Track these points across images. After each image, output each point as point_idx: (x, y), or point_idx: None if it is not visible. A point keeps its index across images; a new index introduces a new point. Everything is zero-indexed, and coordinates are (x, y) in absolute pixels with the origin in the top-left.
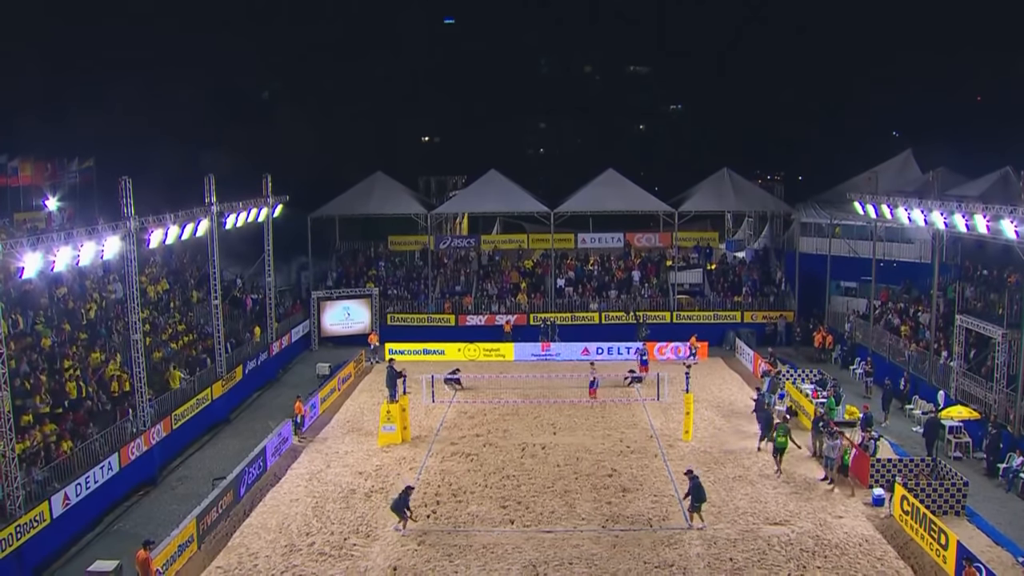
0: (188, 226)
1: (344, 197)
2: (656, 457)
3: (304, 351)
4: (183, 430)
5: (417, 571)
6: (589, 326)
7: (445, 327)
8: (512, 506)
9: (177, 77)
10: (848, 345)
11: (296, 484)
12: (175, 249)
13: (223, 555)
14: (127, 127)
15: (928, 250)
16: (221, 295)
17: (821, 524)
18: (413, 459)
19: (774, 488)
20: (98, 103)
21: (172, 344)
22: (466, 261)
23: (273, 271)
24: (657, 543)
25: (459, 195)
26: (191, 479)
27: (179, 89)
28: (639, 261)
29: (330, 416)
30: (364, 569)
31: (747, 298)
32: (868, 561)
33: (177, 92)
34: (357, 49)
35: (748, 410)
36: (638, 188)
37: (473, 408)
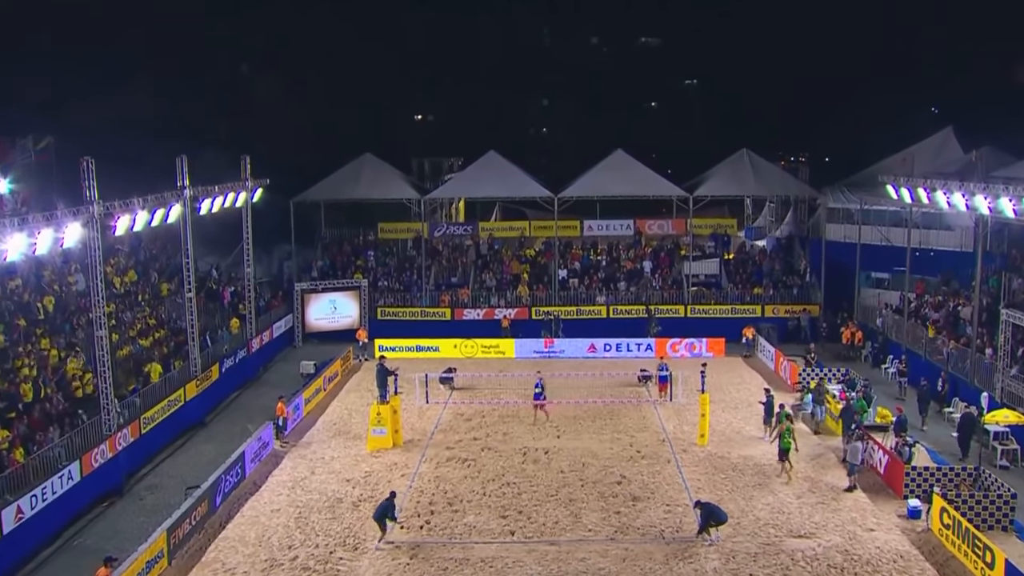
0: (158, 212)
1: (330, 181)
2: (669, 463)
3: (287, 348)
4: (153, 434)
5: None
6: (596, 321)
7: (440, 322)
8: (513, 516)
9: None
10: (880, 342)
11: (277, 493)
12: (144, 237)
13: (196, 572)
14: (89, 103)
15: (970, 238)
16: (195, 287)
17: (850, 537)
18: (405, 465)
19: (798, 497)
20: (56, 75)
21: (141, 340)
22: (463, 250)
23: (253, 261)
24: (670, 557)
25: (455, 178)
26: (161, 488)
27: (148, 62)
28: (650, 250)
29: (315, 418)
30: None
31: (768, 290)
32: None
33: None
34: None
35: None
36: (649, 171)
37: (470, 410)
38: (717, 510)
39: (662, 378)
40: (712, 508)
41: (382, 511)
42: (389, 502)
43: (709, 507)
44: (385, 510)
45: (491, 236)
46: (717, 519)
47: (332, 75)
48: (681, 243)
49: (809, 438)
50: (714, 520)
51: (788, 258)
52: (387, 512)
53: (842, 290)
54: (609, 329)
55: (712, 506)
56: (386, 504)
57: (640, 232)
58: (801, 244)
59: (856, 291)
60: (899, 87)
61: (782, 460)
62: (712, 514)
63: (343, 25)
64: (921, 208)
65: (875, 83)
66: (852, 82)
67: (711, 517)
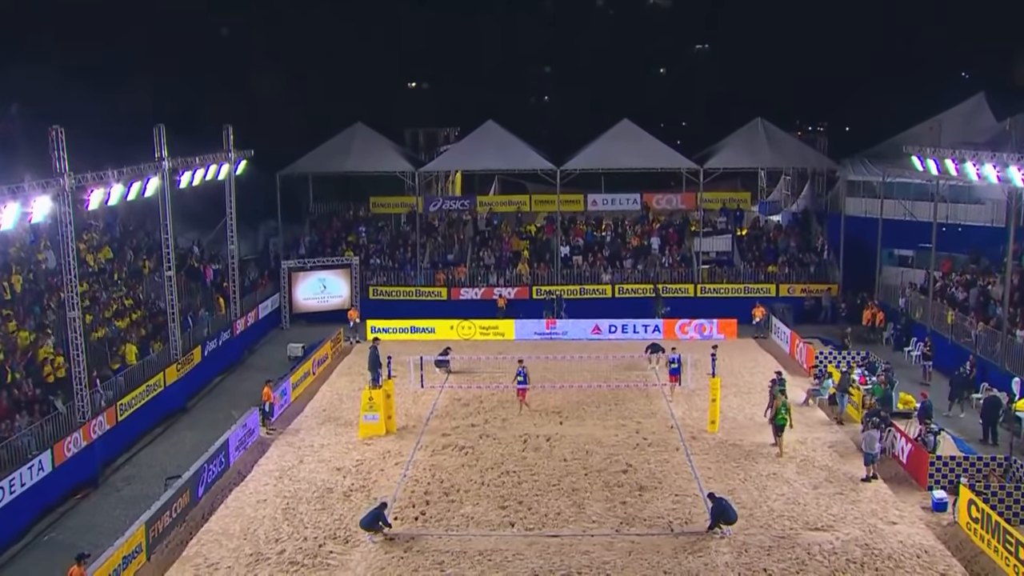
0: (135, 185)
1: (318, 152)
2: (678, 451)
3: (273, 329)
4: (130, 422)
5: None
6: (600, 300)
7: (435, 302)
8: (512, 507)
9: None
10: (903, 323)
11: (264, 483)
12: (120, 212)
13: (177, 567)
14: (59, 68)
15: (1001, 212)
16: (175, 265)
17: (871, 531)
18: (399, 453)
19: (814, 488)
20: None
21: (117, 322)
22: (459, 226)
23: (237, 237)
24: (679, 550)
25: (451, 150)
26: (139, 479)
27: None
28: (658, 226)
29: (303, 404)
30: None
31: (783, 268)
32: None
33: (121, 28)
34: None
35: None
36: (657, 141)
37: (468, 394)
38: (729, 509)
39: (673, 370)
40: (725, 506)
41: (372, 519)
42: (379, 511)
43: (722, 504)
44: (375, 518)
45: (490, 211)
46: (727, 519)
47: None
48: (691, 218)
49: (826, 427)
50: (724, 520)
51: (805, 234)
52: (378, 520)
53: (862, 268)
54: (614, 309)
55: (725, 503)
56: (376, 512)
57: (647, 207)
58: (819, 219)
59: (877, 269)
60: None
61: (777, 436)
62: (723, 513)
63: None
64: (949, 180)
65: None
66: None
67: (721, 516)
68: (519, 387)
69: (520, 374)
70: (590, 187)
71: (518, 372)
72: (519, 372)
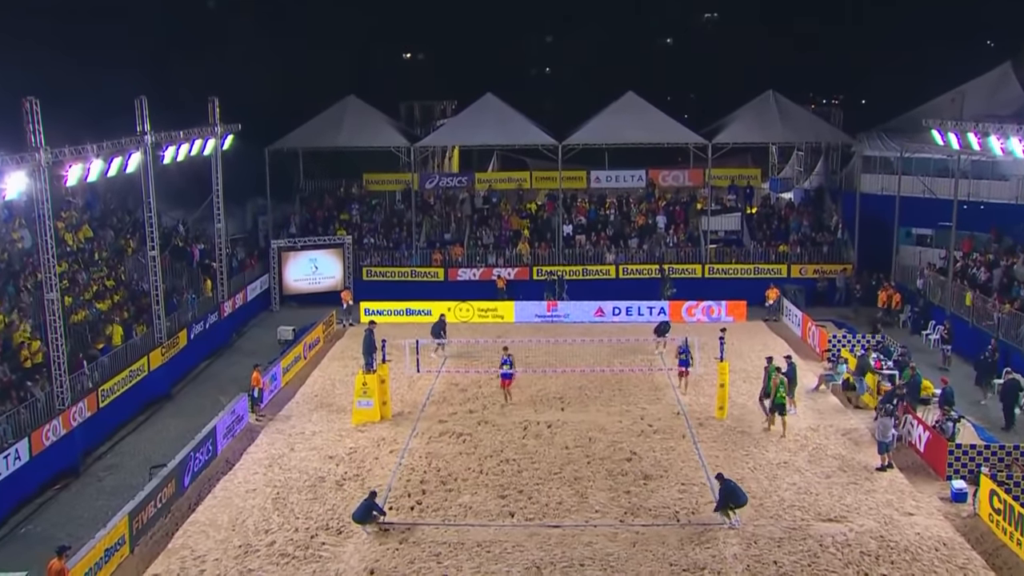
0: (116, 160)
1: (309, 126)
2: (684, 438)
3: (263, 312)
4: (113, 408)
5: (398, 574)
6: (604, 281)
7: (432, 283)
8: (512, 496)
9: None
10: (920, 306)
11: (253, 471)
12: (100, 188)
13: (162, 559)
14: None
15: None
16: (159, 245)
17: (886, 522)
18: (394, 440)
19: (827, 477)
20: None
21: (98, 304)
22: (457, 204)
23: (224, 216)
24: (685, 541)
25: (448, 124)
26: (122, 468)
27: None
28: (664, 204)
29: (294, 389)
30: (335, 572)
31: (795, 248)
32: (947, 569)
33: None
34: None
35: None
36: (664, 115)
37: (466, 379)
38: (737, 491)
39: (682, 362)
40: (733, 487)
41: (364, 511)
42: (371, 502)
43: (730, 486)
44: (368, 510)
45: (488, 188)
46: (736, 501)
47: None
48: (698, 196)
49: (840, 414)
50: (733, 502)
51: (818, 212)
52: (371, 511)
53: (878, 248)
54: (618, 291)
55: (733, 485)
56: (368, 504)
57: (653, 183)
58: (833, 197)
59: (894, 249)
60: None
61: (773, 414)
62: (732, 495)
63: None
64: (971, 155)
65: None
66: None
67: (730, 498)
68: (503, 376)
69: (505, 362)
70: (593, 163)
71: (503, 360)
72: (504, 360)
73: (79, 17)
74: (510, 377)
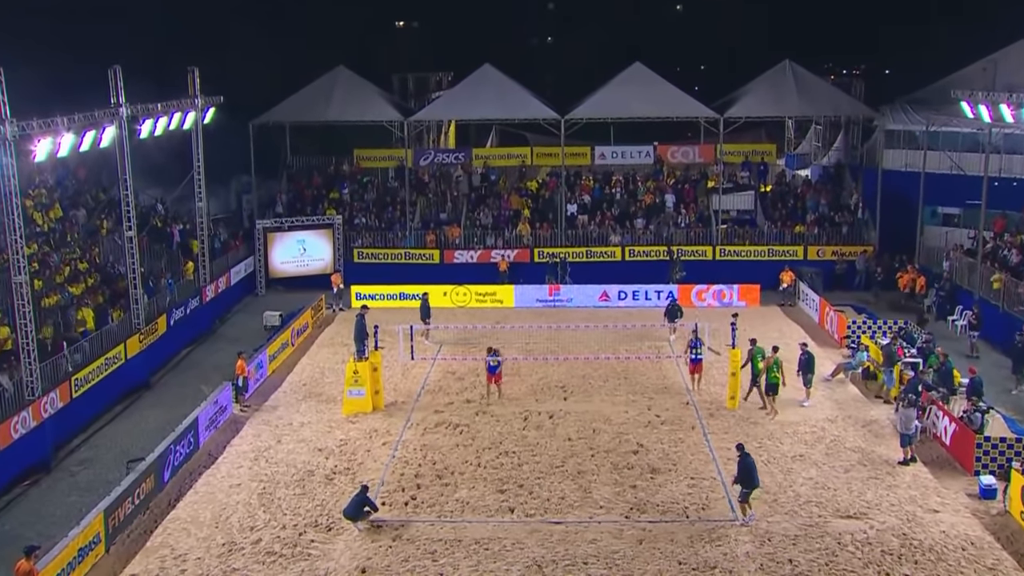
0: (88, 134)
1: (297, 99)
2: (694, 429)
3: (247, 296)
4: (87, 399)
5: (392, 573)
6: (609, 264)
7: (427, 265)
8: (512, 491)
9: None
10: (946, 289)
11: (237, 465)
12: (71, 164)
13: (140, 559)
14: None
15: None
16: (137, 225)
17: (909, 519)
18: (387, 431)
19: (846, 472)
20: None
21: (71, 287)
22: (453, 182)
23: (206, 194)
24: (695, 538)
25: (444, 97)
26: (97, 462)
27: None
28: (673, 181)
29: (281, 378)
30: (325, 572)
31: (812, 229)
32: (975, 570)
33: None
34: None
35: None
36: (673, 87)
37: (463, 367)
38: (755, 471)
39: (695, 358)
40: (752, 465)
41: (356, 507)
42: (363, 497)
43: (750, 461)
44: (360, 506)
45: (486, 165)
46: (750, 482)
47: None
48: (709, 173)
49: (859, 404)
50: (747, 483)
51: (837, 190)
52: (363, 506)
53: (901, 228)
54: (624, 274)
55: (753, 462)
56: (359, 499)
57: (661, 160)
58: (853, 174)
59: (918, 229)
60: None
61: (769, 396)
62: (749, 473)
63: None
64: (1003, 128)
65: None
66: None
67: (747, 475)
68: (489, 371)
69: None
70: (598, 139)
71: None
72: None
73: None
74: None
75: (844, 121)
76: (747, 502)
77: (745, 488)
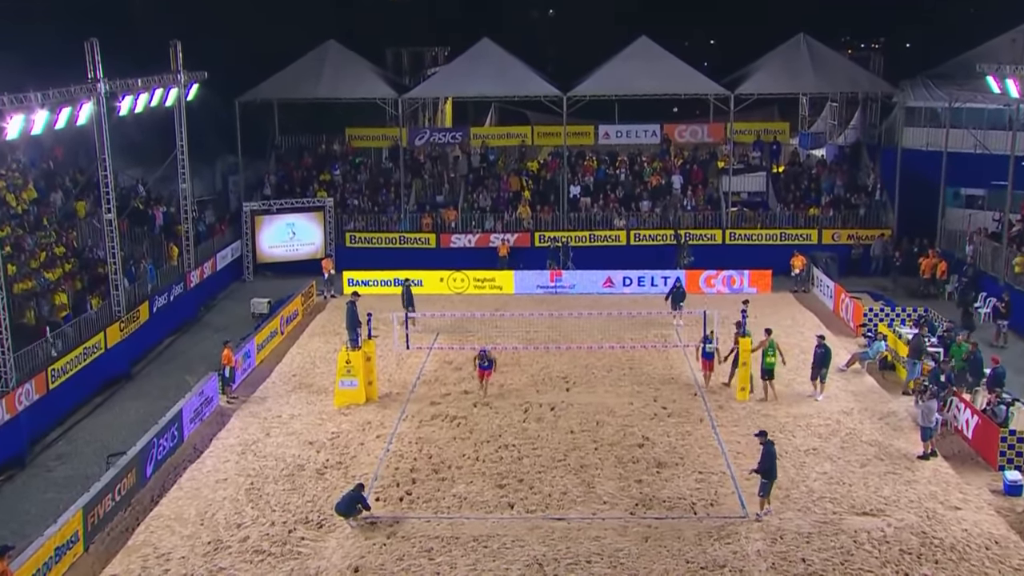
0: (64, 111)
1: (285, 75)
2: (702, 422)
3: (234, 282)
4: (65, 390)
5: (386, 572)
6: (613, 248)
7: (423, 250)
8: (512, 485)
9: None
10: (969, 275)
11: (224, 459)
12: (45, 143)
13: (121, 558)
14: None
15: None
16: (116, 207)
17: (929, 517)
18: (381, 424)
19: (862, 466)
20: None
21: (46, 273)
22: (450, 162)
23: (190, 175)
24: (703, 536)
25: (441, 73)
26: (76, 456)
27: None
28: (681, 162)
29: (270, 368)
30: (316, 571)
31: (827, 211)
32: (999, 571)
33: None
34: None
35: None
36: (681, 63)
37: (460, 356)
38: (775, 463)
39: (706, 354)
40: (775, 454)
41: (349, 503)
42: (357, 494)
43: (774, 450)
44: (352, 502)
45: (485, 145)
46: (770, 473)
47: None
48: (719, 153)
49: (876, 396)
50: (769, 474)
51: (853, 171)
52: (356, 503)
53: (921, 211)
54: (629, 259)
55: (774, 451)
56: (353, 495)
57: (668, 139)
58: (870, 153)
59: (940, 212)
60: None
61: (764, 379)
62: (771, 464)
63: None
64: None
65: None
66: None
67: (771, 464)
68: (481, 368)
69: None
70: (602, 117)
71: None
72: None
73: None
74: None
75: (861, 98)
76: (768, 496)
77: (766, 479)
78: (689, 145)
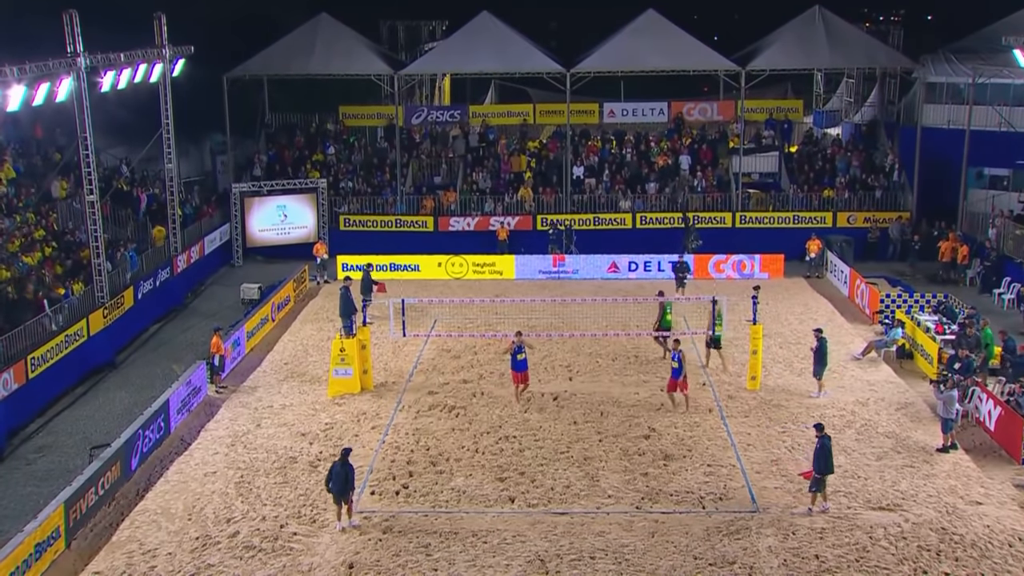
0: (42, 86)
1: (275, 50)
2: (711, 412)
3: (223, 267)
4: (45, 380)
5: (382, 569)
6: (619, 232)
7: (420, 233)
8: (513, 479)
9: None
10: (992, 260)
11: (213, 451)
12: (22, 120)
13: (105, 555)
14: None
15: None
16: (99, 188)
17: (949, 512)
18: (377, 414)
19: (878, 459)
20: None
21: (25, 257)
22: (448, 142)
23: (176, 155)
24: (712, 531)
25: (438, 48)
26: (57, 449)
27: None
28: (690, 141)
29: (261, 356)
30: (309, 567)
31: (842, 193)
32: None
33: None
34: None
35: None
36: (690, 37)
37: (459, 344)
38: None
39: (674, 372)
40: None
41: (341, 482)
42: (346, 463)
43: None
44: (344, 479)
45: (485, 124)
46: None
47: None
48: (729, 132)
49: (893, 386)
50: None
51: (870, 151)
52: (348, 481)
53: (942, 192)
54: (635, 243)
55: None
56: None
57: (677, 118)
58: (888, 132)
59: (961, 193)
60: None
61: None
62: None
63: None
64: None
65: None
66: None
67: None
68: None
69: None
70: (607, 94)
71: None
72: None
73: None
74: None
75: (879, 73)
76: (822, 491)
77: (819, 474)
78: (698, 124)
